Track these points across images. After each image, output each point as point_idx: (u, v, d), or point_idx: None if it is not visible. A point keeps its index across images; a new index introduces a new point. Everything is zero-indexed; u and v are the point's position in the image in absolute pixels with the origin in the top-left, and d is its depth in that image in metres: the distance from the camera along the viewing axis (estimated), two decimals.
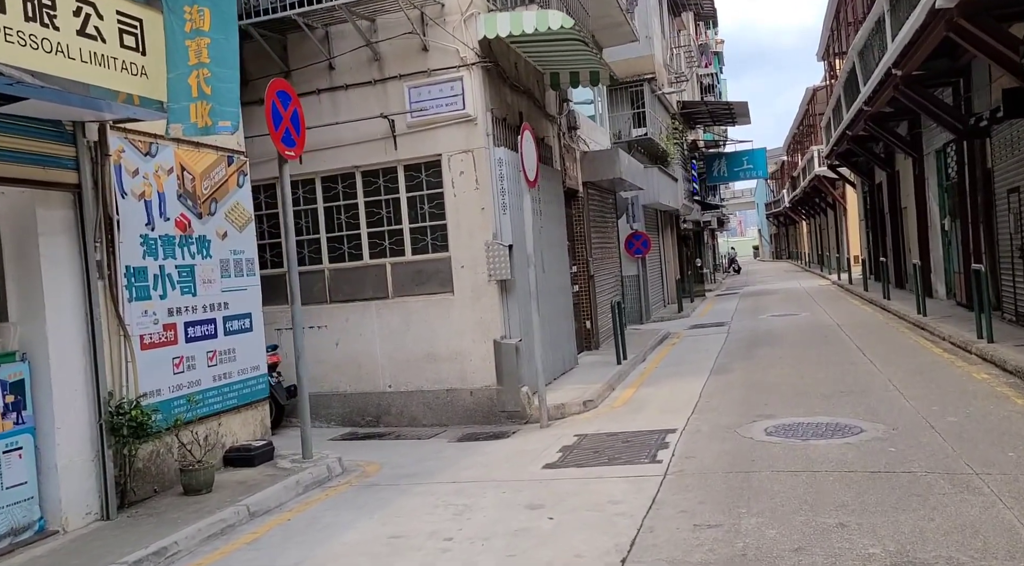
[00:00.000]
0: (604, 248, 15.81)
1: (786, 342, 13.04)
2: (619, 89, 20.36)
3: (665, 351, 13.69)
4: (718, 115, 26.78)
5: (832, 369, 9.80)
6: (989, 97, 12.07)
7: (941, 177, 16.07)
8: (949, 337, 11.36)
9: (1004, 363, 8.75)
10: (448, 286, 9.01)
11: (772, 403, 8.04)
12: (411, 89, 8.90)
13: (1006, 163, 11.65)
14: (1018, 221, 11.23)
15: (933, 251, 17.48)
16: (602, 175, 13.96)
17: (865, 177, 26.13)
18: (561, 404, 8.85)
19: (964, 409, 6.94)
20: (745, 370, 10.44)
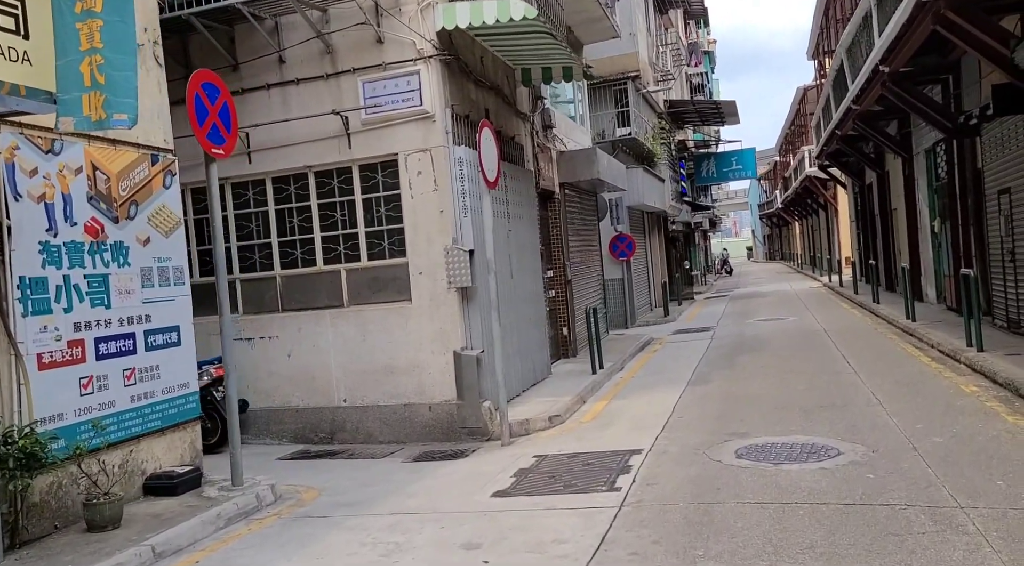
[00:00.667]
0: (584, 251, 15.30)
1: (770, 349, 12.54)
2: (602, 87, 19.86)
3: (645, 358, 13.18)
4: (706, 114, 26.29)
5: (815, 380, 9.30)
6: (979, 94, 11.58)
7: (931, 177, 15.59)
8: (938, 344, 10.86)
9: (994, 374, 8.25)
10: (406, 294, 8.48)
11: (748, 419, 7.53)
12: (365, 84, 8.37)
13: (996, 163, 11.16)
14: (1009, 223, 10.74)
15: (923, 254, 17.01)
16: (580, 176, 13.44)
17: (855, 178, 25.66)
18: (526, 420, 8.32)
19: (950, 427, 6.43)
20: (725, 380, 9.93)
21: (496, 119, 10.11)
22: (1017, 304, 10.65)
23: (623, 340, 15.54)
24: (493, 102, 10.05)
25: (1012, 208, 10.55)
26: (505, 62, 10.59)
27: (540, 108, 12.42)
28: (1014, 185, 10.41)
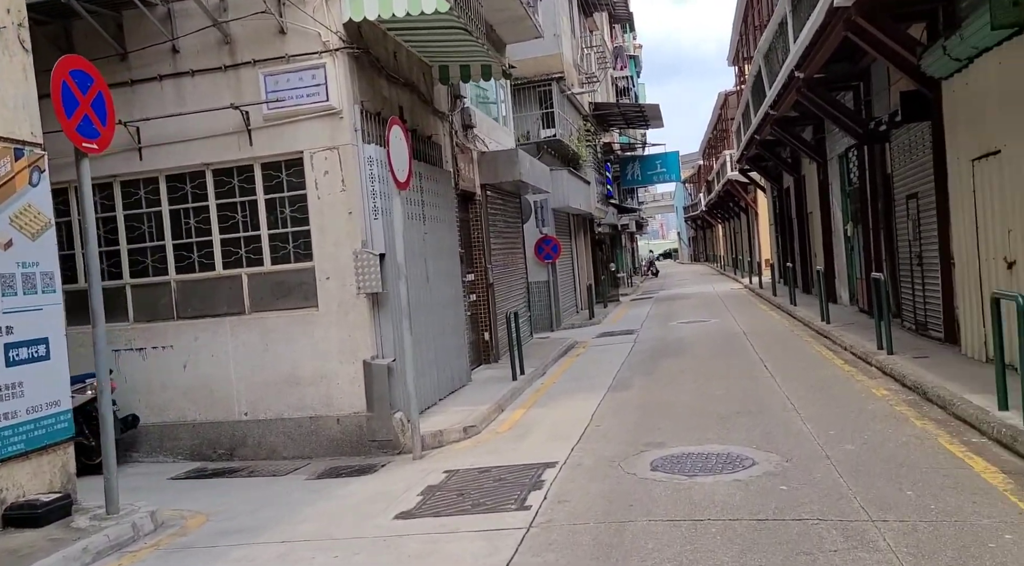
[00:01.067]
0: (508, 254, 15.04)
1: (691, 353, 12.54)
2: (526, 88, 19.68)
3: (568, 363, 13.00)
4: (631, 117, 26.46)
5: (733, 384, 9.26)
6: (888, 101, 11.85)
7: (844, 182, 15.97)
8: (850, 347, 11.03)
9: (903, 378, 8.36)
10: (312, 300, 8.01)
11: (665, 427, 7.38)
12: (267, 77, 7.87)
13: (905, 168, 11.43)
14: (916, 228, 11.00)
15: (837, 257, 17.44)
16: (502, 177, 13.17)
17: (774, 182, 26.29)
18: (440, 431, 7.97)
19: (862, 434, 6.41)
20: (645, 386, 9.81)
21: (411, 117, 9.73)
22: (925, 307, 10.92)
23: (547, 344, 15.35)
24: (408, 100, 9.66)
25: (920, 213, 10.80)
26: (421, 58, 10.22)
27: (460, 107, 12.09)
28: (921, 190, 10.66)
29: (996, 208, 7.99)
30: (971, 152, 8.51)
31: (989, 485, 4.89)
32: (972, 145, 8.47)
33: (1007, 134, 7.58)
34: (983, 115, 8.11)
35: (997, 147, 7.85)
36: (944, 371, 8.18)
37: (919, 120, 10.14)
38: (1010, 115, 7.48)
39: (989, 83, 7.87)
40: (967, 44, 7.83)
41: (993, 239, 8.13)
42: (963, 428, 6.34)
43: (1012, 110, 7.43)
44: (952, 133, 9.06)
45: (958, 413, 6.62)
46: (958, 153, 8.90)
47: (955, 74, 8.70)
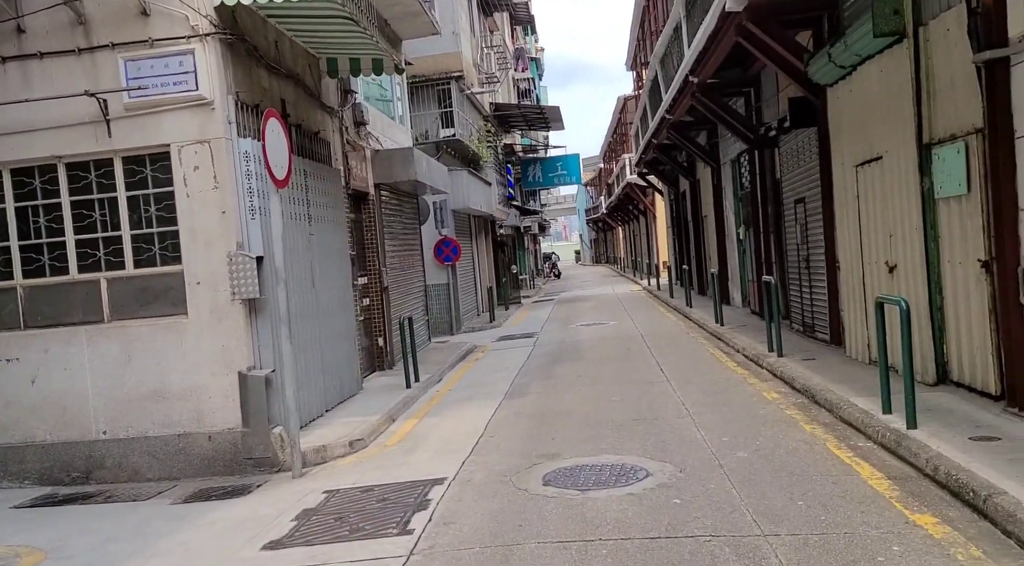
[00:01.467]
0: (404, 256, 14.56)
1: (589, 357, 12.45)
2: (425, 86, 19.25)
3: (466, 368, 12.66)
4: (532, 119, 26.42)
5: (629, 390, 9.16)
6: (777, 107, 12.13)
7: (736, 187, 16.36)
8: (743, 349, 11.19)
9: (792, 380, 8.46)
10: (181, 307, 7.33)
11: (560, 437, 7.14)
12: (128, 62, 7.14)
13: (793, 173, 11.71)
14: (804, 232, 11.28)
15: (730, 259, 17.87)
16: (397, 176, 12.70)
17: (671, 186, 26.86)
18: (323, 446, 7.45)
19: (754, 440, 6.36)
20: (541, 393, 9.58)
21: (296, 111, 9.15)
22: (812, 309, 11.20)
23: (445, 349, 14.97)
24: (292, 92, 9.07)
25: (807, 217, 11.08)
26: (307, 50, 9.64)
27: (351, 103, 11.54)
28: (808, 195, 10.92)
29: (878, 213, 8.20)
30: (855, 158, 8.72)
31: (876, 492, 4.87)
32: (856, 151, 8.68)
33: (888, 141, 7.78)
34: (866, 122, 8.31)
35: (879, 153, 8.05)
36: (830, 373, 8.33)
37: (806, 126, 10.38)
38: (890, 122, 7.67)
39: (871, 90, 8.07)
40: (851, 51, 8.00)
41: (876, 244, 8.35)
42: (850, 432, 6.39)
43: (892, 117, 7.61)
44: (837, 139, 9.28)
45: (845, 417, 6.69)
46: (843, 159, 9.12)
47: (840, 81, 8.90)
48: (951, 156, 6.68)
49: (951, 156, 6.68)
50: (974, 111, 6.30)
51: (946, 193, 6.84)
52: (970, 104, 6.36)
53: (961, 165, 6.52)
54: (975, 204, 6.41)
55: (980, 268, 6.37)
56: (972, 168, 6.41)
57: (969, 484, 4.52)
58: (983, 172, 6.28)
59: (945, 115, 6.80)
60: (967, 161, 6.45)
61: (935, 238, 7.15)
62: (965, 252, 6.63)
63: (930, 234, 7.18)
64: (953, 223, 6.82)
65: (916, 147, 7.19)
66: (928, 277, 7.21)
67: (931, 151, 7.08)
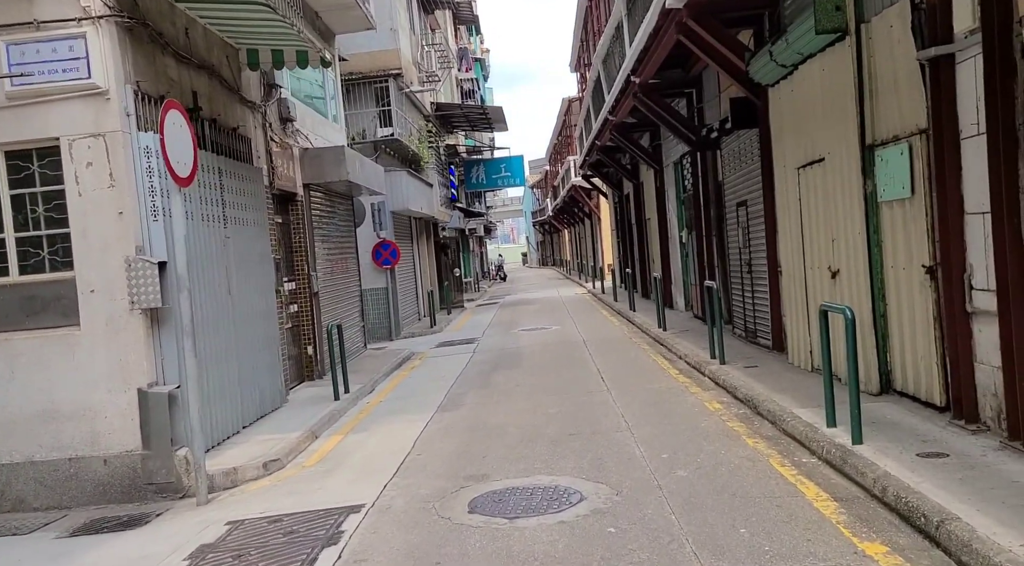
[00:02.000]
0: (338, 259, 13.92)
1: (529, 364, 12.03)
2: (362, 84, 18.61)
3: (401, 377, 12.10)
4: (474, 119, 25.94)
5: (568, 400, 8.76)
6: (719, 108, 11.92)
7: (679, 189, 16.17)
8: (685, 356, 10.92)
9: (735, 390, 8.18)
10: (73, 317, 6.63)
11: (492, 455, 6.68)
12: (10, 46, 6.41)
13: (735, 176, 11.51)
14: (746, 236, 11.07)
15: (673, 263, 17.70)
16: (328, 176, 12.06)
17: (615, 188, 26.71)
18: (234, 468, 6.83)
19: (695, 457, 6.01)
20: (477, 404, 9.11)
21: (210, 105, 8.49)
22: (754, 315, 11.00)
23: (382, 356, 14.37)
24: (205, 85, 8.41)
25: (749, 221, 10.87)
26: (225, 39, 8.98)
27: (276, 98, 10.88)
28: (750, 198, 10.71)
29: (821, 217, 7.97)
30: (797, 160, 8.49)
31: (822, 516, 4.54)
32: (798, 153, 8.45)
33: (831, 142, 7.55)
34: (808, 122, 8.08)
35: (821, 155, 7.82)
36: (773, 382, 8.07)
37: (748, 127, 10.16)
38: (833, 123, 7.44)
39: (813, 90, 7.83)
40: (792, 49, 7.75)
41: (818, 248, 8.12)
42: (793, 446, 6.09)
43: (835, 118, 7.38)
44: (779, 140, 9.05)
45: (788, 430, 6.39)
46: (784, 161, 8.89)
47: (781, 81, 8.67)
48: (894, 158, 6.45)
49: (894, 158, 6.45)
50: (918, 111, 6.07)
51: (889, 196, 6.61)
52: (914, 104, 6.13)
53: (905, 167, 6.29)
54: (919, 208, 6.18)
55: (924, 274, 6.15)
56: (916, 170, 6.18)
57: (920, 507, 4.21)
58: (927, 174, 6.06)
59: (888, 115, 6.58)
60: (911, 163, 6.23)
61: (878, 243, 6.93)
62: (909, 257, 6.41)
63: (873, 239, 6.96)
64: (897, 227, 6.60)
65: (859, 149, 6.96)
66: (872, 283, 6.99)
67: (874, 153, 6.86)
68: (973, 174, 5.44)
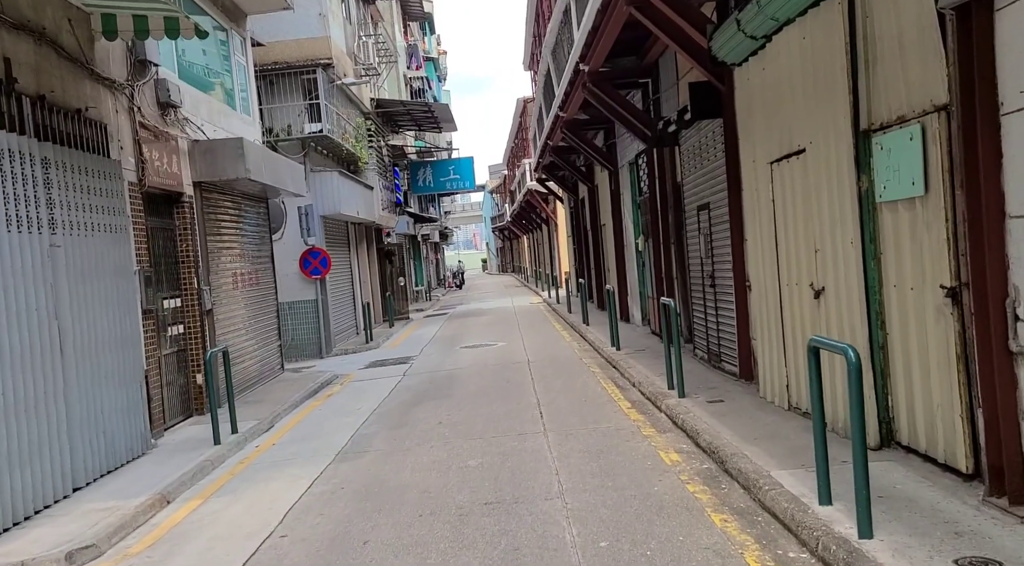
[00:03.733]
0: (245, 271, 12.12)
1: (461, 392, 10.37)
2: (288, 74, 16.81)
3: (310, 409, 10.34)
4: (420, 118, 24.21)
5: (494, 447, 7.13)
6: (677, 98, 10.43)
7: (635, 192, 14.69)
8: (639, 384, 9.36)
9: (696, 435, 6.62)
10: None
11: (376, 539, 5.01)
12: None
13: (695, 175, 10.01)
14: (708, 244, 9.58)
15: (629, 273, 16.21)
16: (223, 173, 10.27)
17: (571, 192, 25.23)
18: (21, 563, 5.03)
19: (643, 548, 4.42)
20: (384, 453, 7.42)
21: (37, 78, 6.70)
22: (718, 335, 9.49)
23: (298, 380, 12.58)
24: (29, 51, 6.61)
25: (712, 226, 9.37)
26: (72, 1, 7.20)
27: (151, 77, 9.08)
28: (713, 200, 9.22)
29: (800, 223, 6.47)
30: (769, 153, 6.99)
31: None
32: (771, 144, 6.95)
33: (812, 129, 6.05)
34: (783, 106, 6.58)
35: (800, 146, 6.32)
36: (743, 426, 6.54)
37: (710, 117, 8.67)
38: (815, 105, 5.94)
39: (791, 65, 6.34)
40: (765, 15, 6.24)
41: (797, 261, 6.62)
42: (775, 529, 4.53)
43: (819, 99, 5.89)
44: (747, 131, 7.55)
45: (767, 503, 4.83)
46: (754, 155, 7.39)
47: (751, 57, 7.17)
48: (900, 145, 4.96)
49: (900, 145, 4.96)
50: (934, 82, 4.58)
51: (892, 195, 5.12)
52: (928, 73, 4.64)
53: (915, 156, 4.80)
54: (936, 209, 4.68)
55: (944, 298, 4.65)
56: (932, 160, 4.69)
57: None
58: (947, 165, 4.56)
59: (891, 90, 5.09)
60: (923, 151, 4.73)
61: (876, 255, 5.44)
62: (920, 275, 4.92)
63: (869, 250, 5.46)
64: (902, 235, 5.11)
65: (851, 135, 5.47)
66: (867, 306, 5.49)
67: (871, 140, 5.37)
68: (1020, 163, 3.95)
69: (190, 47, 10.57)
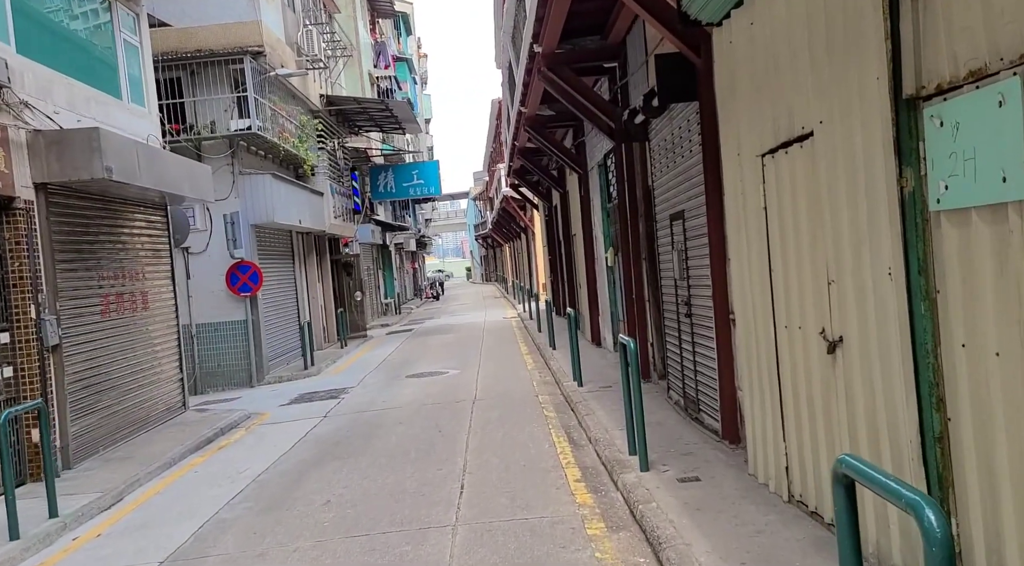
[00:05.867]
0: (123, 294, 10.04)
1: (379, 447, 8.33)
2: (213, 64, 14.75)
3: (183, 471, 8.27)
4: (378, 118, 22.14)
5: (378, 553, 5.10)
6: (647, 81, 8.44)
7: (603, 198, 12.70)
8: (596, 441, 7.34)
9: (659, 545, 4.59)
10: None
11: None
12: None
13: (667, 176, 8.01)
14: (683, 262, 7.57)
15: (601, 291, 14.20)
16: (72, 173, 8.19)
17: (544, 199, 23.25)
18: None
19: None
20: (226, 559, 5.35)
21: None
22: (695, 376, 7.48)
23: (198, 422, 10.50)
24: None
25: (687, 241, 7.37)
26: None
27: None
28: (688, 208, 7.23)
29: (804, 240, 4.46)
30: (760, 141, 4.99)
31: None
32: (761, 129, 4.94)
33: (824, 102, 4.05)
34: (779, 75, 4.59)
35: (806, 128, 4.32)
36: (725, 533, 4.52)
37: (682, 99, 6.68)
38: (830, 65, 3.95)
39: (791, 13, 4.34)
40: None
41: (800, 294, 4.60)
42: None
43: (834, 55, 3.89)
44: (729, 114, 5.56)
45: None
46: (739, 144, 5.38)
47: (733, 12, 5.18)
48: (979, 115, 2.96)
49: (979, 115, 2.96)
50: None
51: (961, 200, 3.12)
52: None
53: (1010, 131, 2.80)
54: None
55: None
56: None
57: None
58: None
59: (958, 29, 3.09)
60: None
61: (928, 294, 3.43)
62: (1012, 329, 2.91)
63: (918, 285, 3.46)
64: (979, 264, 3.10)
65: (888, 106, 3.48)
66: (916, 374, 3.48)
67: (919, 112, 3.38)
68: None
69: (41, 15, 8.52)
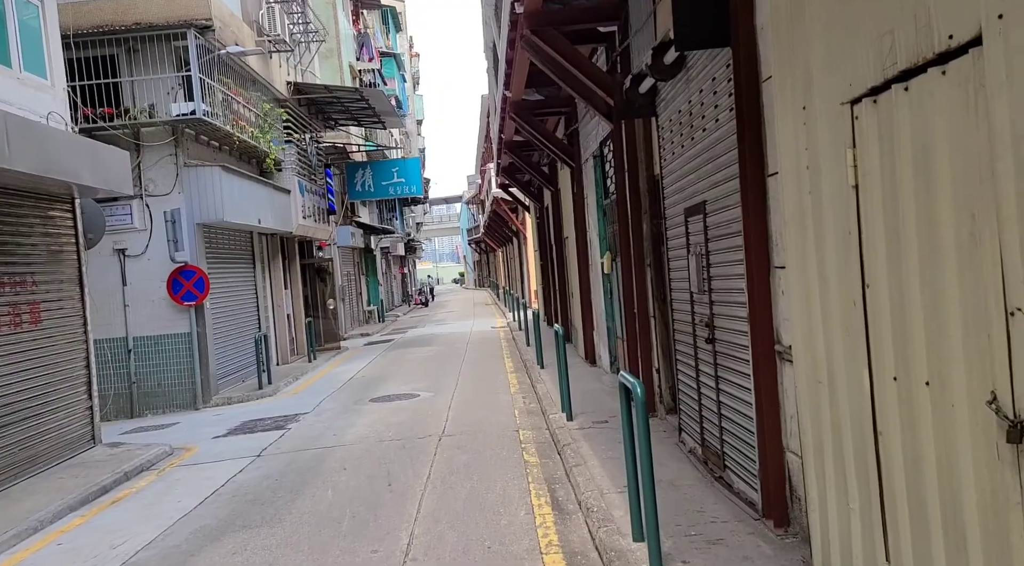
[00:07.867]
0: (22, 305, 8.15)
1: (305, 509, 6.45)
2: (153, 39, 12.89)
3: (53, 537, 6.43)
4: (354, 110, 20.27)
5: None
6: (654, 37, 6.55)
7: (599, 193, 10.83)
8: (588, 508, 5.46)
9: None
10: None
11: None
12: None
13: (681, 159, 6.14)
14: (703, 270, 5.70)
15: (596, 301, 12.34)
16: None
17: (536, 200, 21.41)
18: None
19: None
20: None
21: None
22: (719, 421, 5.60)
23: (102, 463, 8.62)
24: None
25: (708, 240, 5.50)
26: None
27: None
28: (711, 197, 5.36)
29: (947, 231, 2.58)
30: (853, 77, 3.12)
31: None
32: (856, 58, 3.08)
33: None
34: None
35: (964, 32, 2.45)
36: None
37: (708, 46, 4.82)
38: None
39: None
40: None
41: (936, 328, 2.71)
42: None
43: None
44: (788, 46, 3.69)
45: None
46: (807, 91, 3.52)
47: None
48: None
49: None
50: None
51: None
52: None
53: None
54: None
55: None
56: None
57: None
58: None
59: None
60: None
61: None
62: None
63: None
64: None
65: None
66: None
67: None
68: None
69: None
